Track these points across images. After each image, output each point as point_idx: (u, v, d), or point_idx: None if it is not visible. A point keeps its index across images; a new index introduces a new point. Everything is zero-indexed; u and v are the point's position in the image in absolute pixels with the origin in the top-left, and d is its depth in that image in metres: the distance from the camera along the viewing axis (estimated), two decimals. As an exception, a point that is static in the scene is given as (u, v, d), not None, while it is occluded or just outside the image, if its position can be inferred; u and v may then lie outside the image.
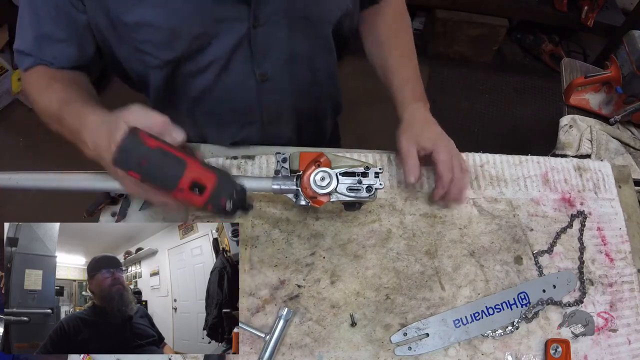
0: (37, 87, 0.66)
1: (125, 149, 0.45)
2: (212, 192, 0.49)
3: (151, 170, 0.46)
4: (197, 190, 0.48)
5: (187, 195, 0.48)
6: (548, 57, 2.39)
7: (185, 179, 0.47)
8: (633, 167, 0.95)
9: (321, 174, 0.58)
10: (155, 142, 0.47)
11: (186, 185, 0.47)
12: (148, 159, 0.46)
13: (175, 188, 0.47)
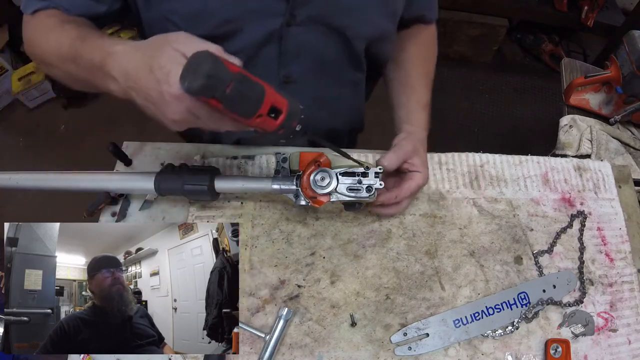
0: (45, 28, 0.59)
1: (211, 74, 0.40)
2: (286, 115, 0.47)
3: (235, 97, 0.42)
4: (272, 115, 0.46)
5: (264, 120, 0.46)
6: (548, 57, 2.39)
7: (265, 105, 0.45)
8: (633, 167, 0.95)
9: (321, 174, 0.58)
10: (235, 66, 0.43)
11: (265, 111, 0.45)
12: (233, 85, 0.42)
13: (254, 114, 0.45)
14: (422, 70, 0.79)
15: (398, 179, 0.67)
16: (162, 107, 0.45)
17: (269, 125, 0.46)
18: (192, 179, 0.60)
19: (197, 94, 0.42)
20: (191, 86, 0.41)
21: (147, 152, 0.77)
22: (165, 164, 0.67)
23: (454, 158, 0.79)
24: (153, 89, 0.44)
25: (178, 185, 0.60)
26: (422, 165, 0.66)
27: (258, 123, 0.46)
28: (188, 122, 0.47)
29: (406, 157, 0.65)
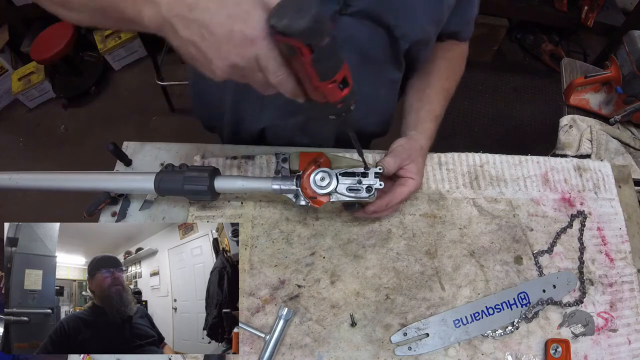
0: None
1: (319, 18, 0.37)
2: (350, 90, 0.45)
3: (326, 52, 0.40)
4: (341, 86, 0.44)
5: (333, 88, 0.44)
6: (548, 57, 2.39)
7: (342, 72, 0.43)
8: (633, 167, 0.95)
9: (321, 174, 0.58)
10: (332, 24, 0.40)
11: (340, 78, 0.43)
12: (329, 39, 0.39)
13: (331, 78, 0.43)
14: (443, 85, 0.79)
15: (390, 183, 0.67)
16: (224, 48, 0.40)
17: (335, 94, 0.44)
18: (192, 179, 0.60)
19: (297, 35, 0.37)
20: (293, 24, 0.36)
21: (147, 152, 0.78)
22: (165, 164, 0.67)
23: (454, 158, 0.79)
24: (220, 24, 0.39)
25: (178, 186, 0.60)
26: (417, 172, 0.66)
27: (328, 89, 0.43)
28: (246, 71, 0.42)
29: (402, 163, 0.65)
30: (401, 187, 0.65)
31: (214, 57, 0.41)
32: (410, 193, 0.66)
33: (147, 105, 2.13)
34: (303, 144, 0.83)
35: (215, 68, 0.42)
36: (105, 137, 0.66)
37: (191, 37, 0.41)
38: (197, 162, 0.74)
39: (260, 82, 0.43)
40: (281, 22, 0.37)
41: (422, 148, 0.70)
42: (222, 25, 0.39)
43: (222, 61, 0.41)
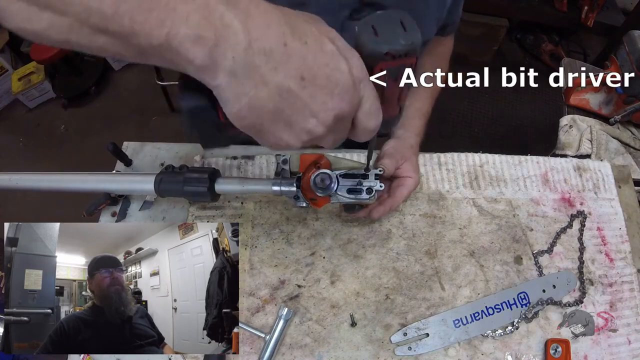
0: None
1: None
2: None
3: None
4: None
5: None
6: (548, 57, 2.39)
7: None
8: (633, 167, 0.95)
9: (321, 175, 0.58)
10: None
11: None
12: None
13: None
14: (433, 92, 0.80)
15: (387, 183, 0.67)
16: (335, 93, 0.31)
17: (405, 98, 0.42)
18: (193, 180, 0.60)
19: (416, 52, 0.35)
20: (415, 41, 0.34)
21: (147, 152, 0.78)
22: (165, 165, 0.67)
23: (454, 158, 0.79)
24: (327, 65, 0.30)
25: (178, 187, 0.60)
26: (412, 170, 0.66)
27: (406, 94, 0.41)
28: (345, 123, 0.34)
29: (398, 163, 0.65)
30: (401, 188, 0.65)
31: (319, 110, 0.31)
32: (410, 192, 0.66)
33: (147, 105, 2.13)
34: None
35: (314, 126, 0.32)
36: (105, 137, 0.66)
37: (286, 82, 0.30)
38: (197, 163, 0.74)
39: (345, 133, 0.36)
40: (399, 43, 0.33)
41: (412, 146, 0.70)
42: (327, 66, 0.30)
43: (328, 114, 0.32)
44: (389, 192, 0.66)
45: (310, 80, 0.30)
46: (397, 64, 0.35)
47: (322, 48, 0.30)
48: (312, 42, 0.30)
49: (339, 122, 0.33)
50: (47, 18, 0.28)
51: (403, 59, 0.35)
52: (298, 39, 0.30)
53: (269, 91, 0.30)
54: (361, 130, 0.36)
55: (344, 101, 0.32)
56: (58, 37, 0.29)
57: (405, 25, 0.34)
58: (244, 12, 0.29)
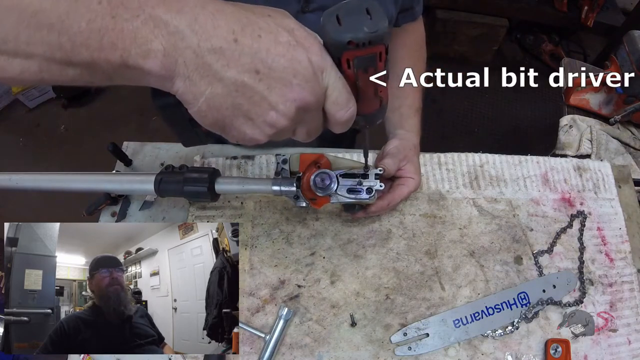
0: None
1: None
2: None
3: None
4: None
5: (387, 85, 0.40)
6: (548, 57, 2.39)
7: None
8: (633, 167, 0.95)
9: (321, 175, 0.58)
10: None
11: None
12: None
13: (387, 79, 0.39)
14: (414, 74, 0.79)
15: (388, 183, 0.67)
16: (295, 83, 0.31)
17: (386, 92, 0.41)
18: (193, 180, 0.59)
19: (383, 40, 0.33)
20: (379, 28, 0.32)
21: (147, 152, 0.77)
22: (165, 165, 0.67)
23: (454, 158, 0.79)
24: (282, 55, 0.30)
25: (178, 187, 0.60)
26: (414, 172, 0.66)
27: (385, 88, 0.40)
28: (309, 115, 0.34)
29: (400, 163, 0.65)
30: (401, 187, 0.65)
31: (278, 101, 0.32)
32: (410, 192, 0.66)
33: (147, 105, 2.13)
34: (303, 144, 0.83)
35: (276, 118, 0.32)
36: (105, 137, 0.66)
37: (240, 77, 0.30)
38: (197, 162, 0.74)
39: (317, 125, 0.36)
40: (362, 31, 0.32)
41: (415, 147, 0.70)
42: (284, 57, 0.30)
43: (289, 105, 0.32)
44: (389, 190, 0.66)
45: (265, 73, 0.30)
46: (363, 54, 0.34)
47: (276, 40, 0.31)
48: (265, 35, 0.30)
49: (303, 113, 0.33)
50: (18, 64, 0.30)
51: (368, 47, 0.33)
52: (250, 34, 0.30)
53: (225, 87, 0.31)
54: (333, 121, 0.36)
55: (304, 91, 0.32)
56: (32, 79, 0.31)
57: (371, 13, 0.33)
58: (189, 16, 0.29)
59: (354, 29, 0.32)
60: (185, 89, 0.31)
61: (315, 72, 0.32)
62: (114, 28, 0.29)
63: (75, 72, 0.31)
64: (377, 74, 0.36)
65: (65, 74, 0.31)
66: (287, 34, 0.31)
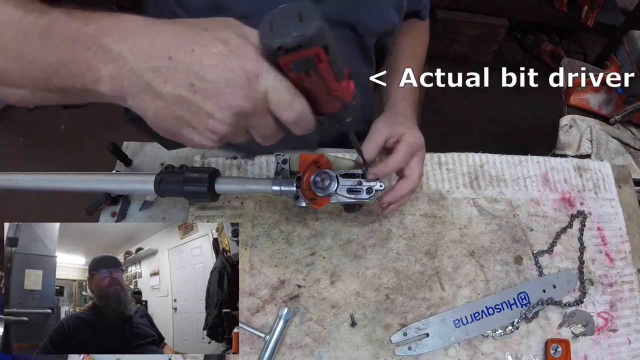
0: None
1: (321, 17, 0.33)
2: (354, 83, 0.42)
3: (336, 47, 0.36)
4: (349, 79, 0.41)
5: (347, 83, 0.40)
6: (548, 57, 2.39)
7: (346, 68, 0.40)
8: (633, 167, 0.95)
9: (321, 175, 0.58)
10: None
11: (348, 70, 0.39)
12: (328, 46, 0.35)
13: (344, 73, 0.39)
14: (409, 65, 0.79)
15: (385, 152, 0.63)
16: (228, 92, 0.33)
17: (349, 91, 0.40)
18: (192, 180, 0.60)
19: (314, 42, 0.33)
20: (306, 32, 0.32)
21: (147, 152, 0.78)
22: (165, 165, 0.67)
23: (454, 158, 0.79)
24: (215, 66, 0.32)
25: (178, 187, 0.60)
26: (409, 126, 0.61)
27: (343, 89, 0.39)
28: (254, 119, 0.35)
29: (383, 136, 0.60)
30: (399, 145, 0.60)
31: (214, 110, 0.34)
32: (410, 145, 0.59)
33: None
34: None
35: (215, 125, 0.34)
36: (105, 137, 0.66)
37: (175, 91, 0.33)
38: (197, 162, 0.74)
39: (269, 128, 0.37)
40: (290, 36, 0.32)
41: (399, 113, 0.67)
42: (216, 67, 0.32)
43: (224, 112, 0.34)
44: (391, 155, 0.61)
45: (199, 85, 0.33)
46: (297, 57, 0.34)
47: (209, 52, 0.33)
48: (199, 49, 0.33)
49: (245, 118, 0.35)
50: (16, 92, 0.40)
51: (300, 51, 0.33)
52: (184, 50, 0.33)
53: (165, 102, 0.34)
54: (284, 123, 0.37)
55: (238, 98, 0.33)
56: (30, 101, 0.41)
57: (302, 16, 0.32)
58: (130, 42, 0.33)
59: (282, 35, 0.33)
60: (136, 106, 0.35)
61: (249, 79, 0.33)
62: (72, 60, 0.35)
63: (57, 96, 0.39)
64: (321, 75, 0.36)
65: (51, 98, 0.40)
66: (221, 44, 0.33)
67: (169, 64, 0.33)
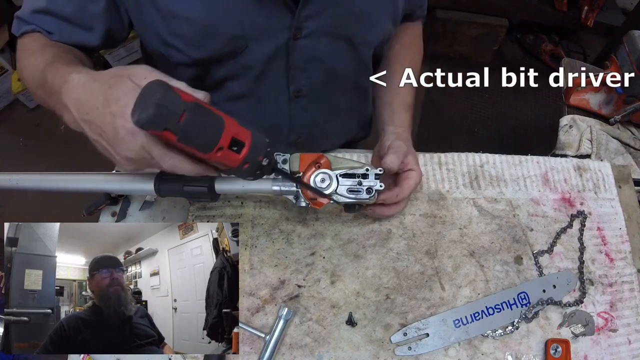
0: (28, 51, 0.60)
1: (162, 103, 0.37)
2: (250, 148, 0.44)
3: (190, 127, 0.39)
4: (235, 149, 0.43)
5: (225, 154, 0.43)
6: (548, 57, 2.39)
7: (226, 135, 0.42)
8: (633, 167, 0.95)
9: (321, 175, 0.58)
10: (190, 96, 0.40)
11: (226, 143, 0.42)
12: (187, 115, 0.39)
13: (215, 147, 0.41)
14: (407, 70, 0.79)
15: (392, 180, 0.67)
16: (115, 144, 0.42)
17: (231, 159, 0.44)
18: (192, 180, 0.59)
19: (148, 126, 0.39)
20: (141, 118, 0.38)
21: (147, 152, 0.77)
22: (165, 164, 0.67)
23: (454, 158, 0.79)
24: (108, 123, 0.41)
25: (178, 187, 0.60)
26: (416, 164, 0.66)
27: (219, 157, 0.43)
28: (142, 161, 0.43)
29: (403, 158, 0.65)
30: (407, 180, 0.64)
31: (113, 153, 0.44)
32: (416, 185, 0.65)
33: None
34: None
35: (119, 161, 0.44)
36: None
37: (94, 137, 0.44)
38: (197, 162, 0.74)
39: (160, 168, 0.44)
40: (133, 118, 0.39)
41: (409, 140, 0.70)
42: (109, 124, 0.42)
43: (119, 156, 0.43)
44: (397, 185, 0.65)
45: (103, 135, 0.43)
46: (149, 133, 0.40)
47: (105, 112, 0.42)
48: (101, 107, 0.42)
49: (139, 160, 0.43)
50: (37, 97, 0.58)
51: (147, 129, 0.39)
52: (94, 107, 0.43)
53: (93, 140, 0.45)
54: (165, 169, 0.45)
55: (124, 149, 0.42)
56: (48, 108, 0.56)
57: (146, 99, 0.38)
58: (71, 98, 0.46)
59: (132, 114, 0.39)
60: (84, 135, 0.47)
61: (127, 135, 0.41)
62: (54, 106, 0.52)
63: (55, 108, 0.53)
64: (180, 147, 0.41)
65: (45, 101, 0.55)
66: (114, 104, 0.41)
67: (88, 117, 0.44)
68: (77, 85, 0.45)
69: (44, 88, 0.53)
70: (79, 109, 0.45)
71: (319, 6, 0.60)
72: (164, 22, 0.58)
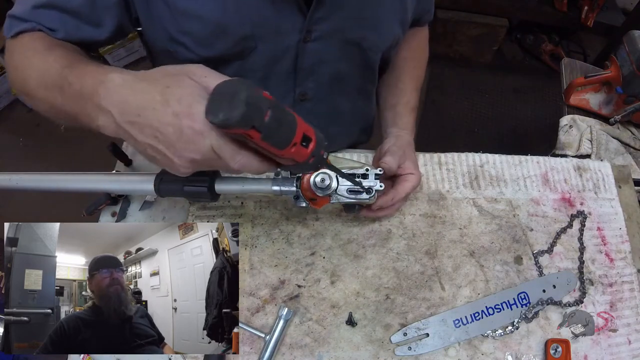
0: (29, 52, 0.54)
1: (251, 101, 0.37)
2: (316, 143, 0.44)
3: (272, 125, 0.39)
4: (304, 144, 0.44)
5: (297, 149, 0.43)
6: (548, 57, 2.39)
7: (299, 131, 0.42)
8: (633, 167, 0.95)
9: (321, 175, 0.58)
10: (267, 94, 0.40)
11: (299, 139, 0.42)
12: (270, 112, 0.38)
13: (290, 143, 0.42)
14: (412, 74, 0.80)
15: (390, 183, 0.67)
16: (178, 146, 0.40)
17: (301, 154, 0.44)
18: (192, 180, 0.59)
19: (237, 125, 0.37)
20: (230, 117, 0.36)
21: (147, 152, 0.77)
22: (165, 164, 0.67)
23: (454, 158, 0.79)
24: (168, 124, 0.39)
25: (178, 187, 0.60)
26: (414, 167, 0.66)
27: (292, 153, 0.43)
28: (206, 162, 0.41)
29: (400, 161, 0.65)
30: (404, 183, 0.65)
31: (173, 156, 0.41)
32: (413, 188, 0.65)
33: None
34: None
35: (177, 166, 0.42)
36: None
37: (146, 140, 0.41)
38: (197, 162, 0.74)
39: (225, 168, 0.43)
40: (217, 117, 0.37)
41: (410, 143, 0.70)
42: (170, 125, 0.39)
43: (180, 159, 0.41)
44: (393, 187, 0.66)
45: (161, 138, 0.40)
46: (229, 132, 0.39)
47: (166, 111, 0.39)
48: (159, 107, 0.39)
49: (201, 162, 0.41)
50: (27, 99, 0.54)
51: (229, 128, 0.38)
52: (148, 108, 0.40)
53: (142, 145, 0.42)
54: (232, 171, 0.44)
55: (188, 150, 0.40)
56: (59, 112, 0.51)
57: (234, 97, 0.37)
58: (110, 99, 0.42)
59: (213, 113, 0.38)
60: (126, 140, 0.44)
61: (195, 136, 0.39)
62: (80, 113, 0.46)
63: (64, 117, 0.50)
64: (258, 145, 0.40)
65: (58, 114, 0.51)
66: (176, 104, 0.39)
67: (139, 120, 0.40)
68: (121, 86, 0.42)
69: (62, 91, 0.48)
70: (125, 111, 0.41)
71: (330, 9, 0.60)
72: (172, 18, 0.57)
